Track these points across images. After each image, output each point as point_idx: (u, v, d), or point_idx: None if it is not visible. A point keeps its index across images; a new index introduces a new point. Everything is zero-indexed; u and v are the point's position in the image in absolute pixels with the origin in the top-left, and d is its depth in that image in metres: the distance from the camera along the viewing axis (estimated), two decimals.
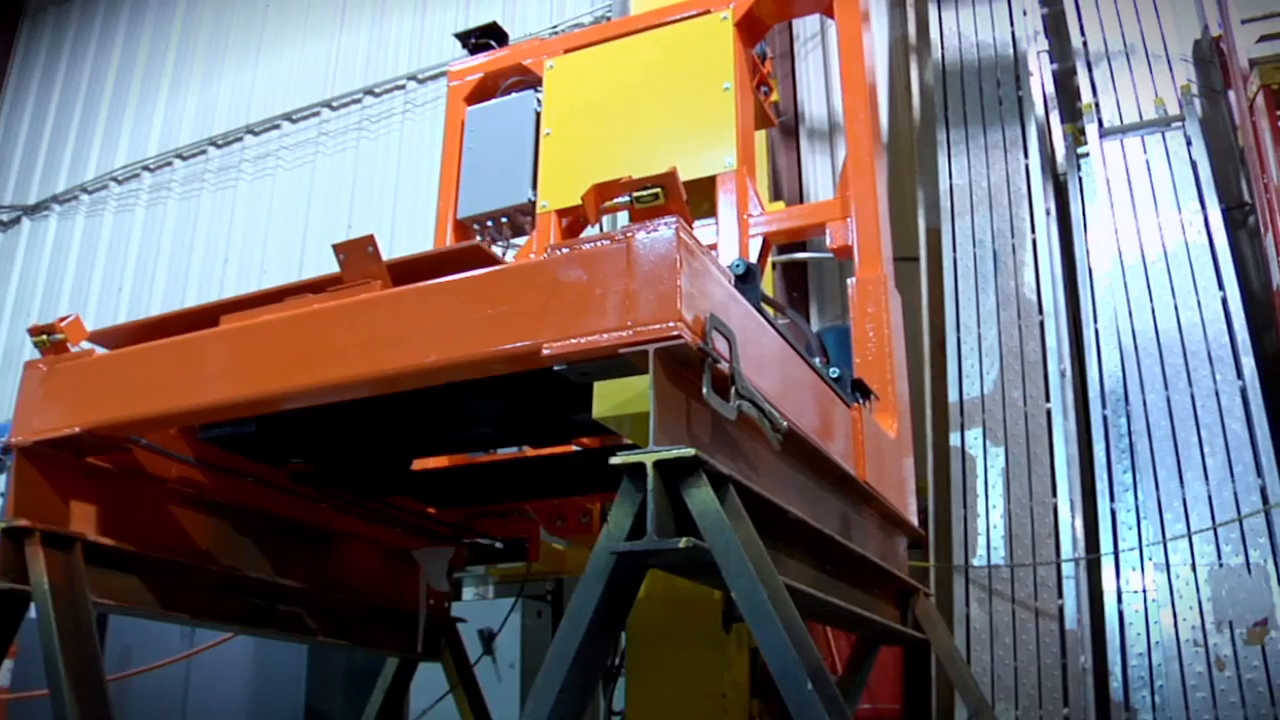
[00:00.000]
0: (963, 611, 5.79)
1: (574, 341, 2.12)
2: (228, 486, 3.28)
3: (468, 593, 7.51)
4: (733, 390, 2.15)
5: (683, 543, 1.96)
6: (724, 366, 2.15)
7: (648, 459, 2.00)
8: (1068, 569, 5.71)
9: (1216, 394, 5.89)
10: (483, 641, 6.00)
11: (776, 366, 2.55)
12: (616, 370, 2.13)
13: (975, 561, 5.87)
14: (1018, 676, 5.53)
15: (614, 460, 2.03)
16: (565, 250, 2.18)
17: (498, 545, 4.38)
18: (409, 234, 10.17)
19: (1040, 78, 7.45)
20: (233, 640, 6.30)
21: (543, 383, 2.29)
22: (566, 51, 4.76)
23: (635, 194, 2.18)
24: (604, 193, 2.22)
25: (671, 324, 2.03)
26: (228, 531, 3.34)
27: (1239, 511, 5.52)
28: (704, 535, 2.00)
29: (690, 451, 1.99)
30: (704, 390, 2.08)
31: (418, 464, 3.94)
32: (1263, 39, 7.10)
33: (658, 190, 2.17)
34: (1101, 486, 5.98)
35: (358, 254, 2.62)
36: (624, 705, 4.72)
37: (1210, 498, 5.61)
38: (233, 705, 6.91)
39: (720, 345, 2.14)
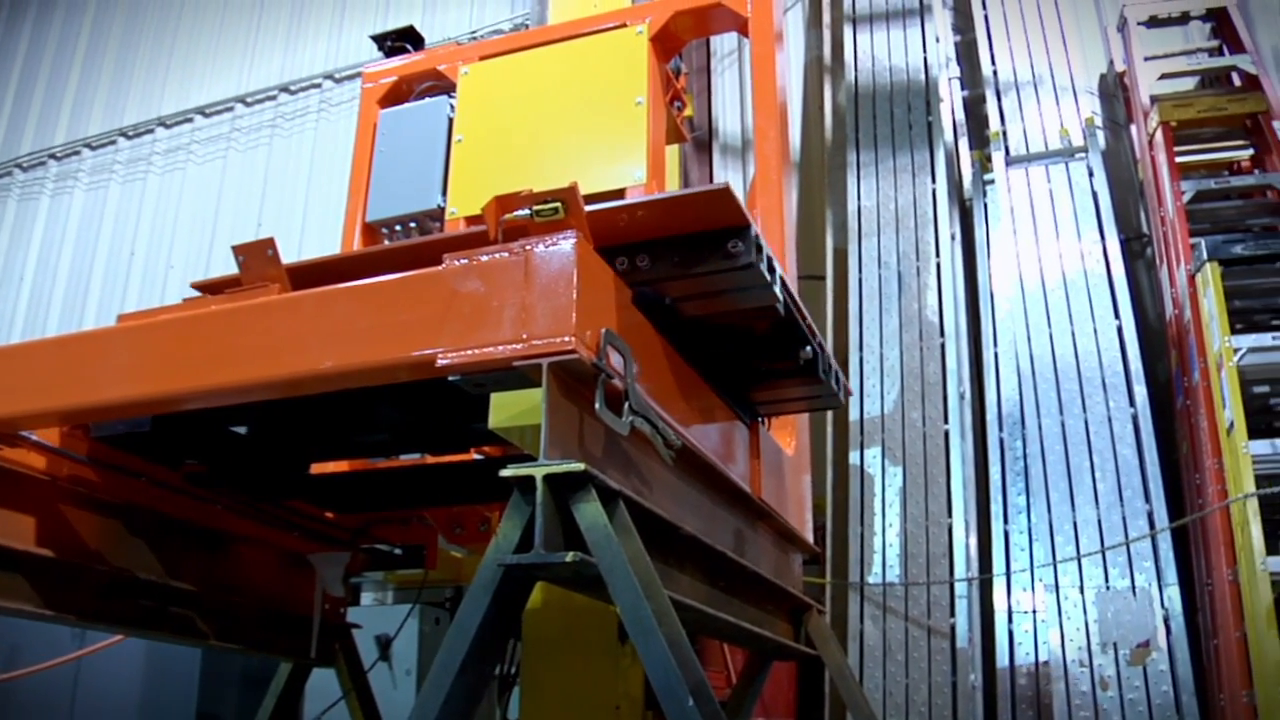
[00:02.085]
0: (857, 628, 5.87)
1: (469, 352, 2.12)
2: (120, 486, 3.21)
3: (366, 598, 7.46)
4: (626, 406, 2.17)
5: (569, 557, 1.97)
6: (618, 382, 2.17)
7: (537, 472, 2.01)
8: (960, 588, 5.81)
9: (1109, 420, 6.04)
10: (379, 647, 5.96)
11: (673, 382, 2.58)
12: (511, 383, 2.13)
13: (870, 579, 5.95)
14: (909, 693, 5.62)
15: (504, 473, 2.04)
16: (463, 260, 2.19)
17: (396, 551, 4.34)
18: (320, 234, 10.08)
19: (950, 104, 7.59)
20: (124, 641, 6.17)
21: (442, 391, 2.29)
22: (482, 58, 4.74)
23: (535, 207, 2.19)
24: (504, 205, 2.23)
25: (566, 338, 2.04)
26: (119, 532, 3.27)
27: (1127, 535, 5.67)
28: (591, 550, 2.01)
29: (580, 466, 2.00)
30: (597, 405, 2.10)
31: (316, 468, 3.90)
32: (1164, 76, 7.33)
33: (558, 204, 2.17)
34: (996, 508, 6.11)
35: (257, 256, 2.60)
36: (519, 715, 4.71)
37: (1100, 521, 5.76)
38: (123, 707, 6.77)
39: (615, 361, 2.16)
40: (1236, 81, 7.35)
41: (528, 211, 2.21)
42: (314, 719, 4.75)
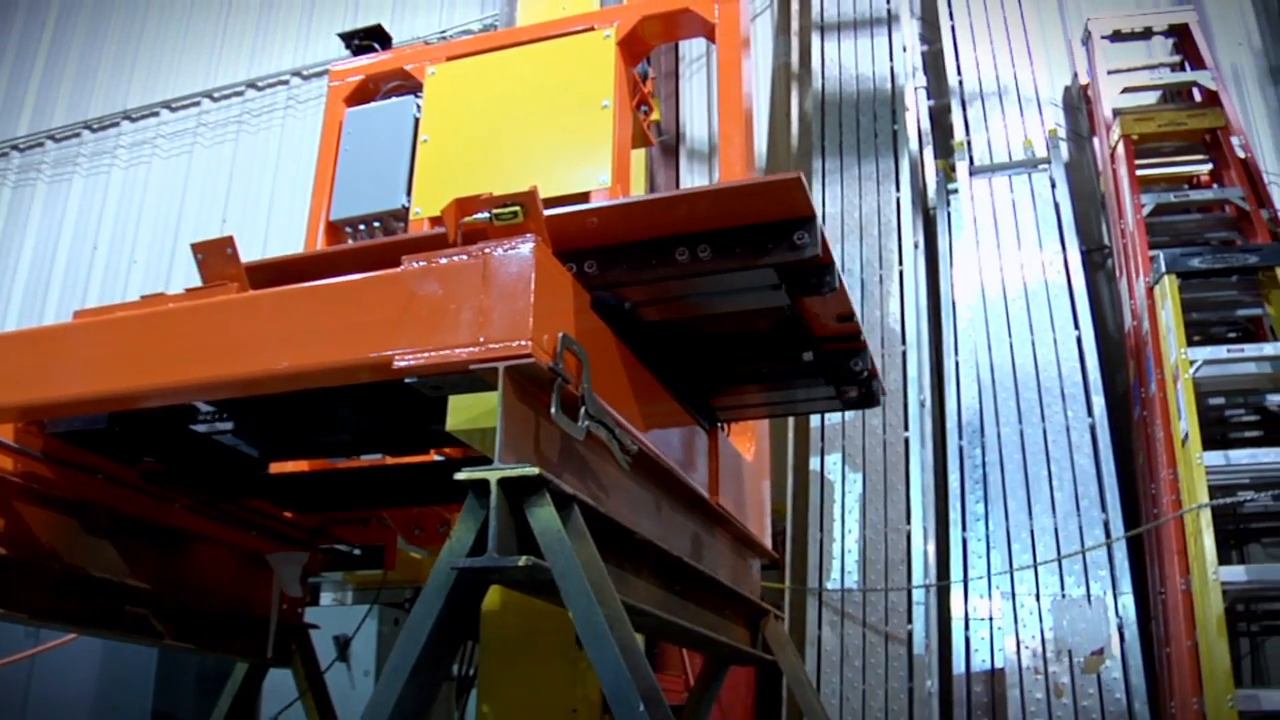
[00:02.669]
0: (814, 634, 5.90)
1: (426, 355, 2.13)
2: (75, 483, 3.18)
3: (326, 598, 7.43)
4: (582, 410, 2.18)
5: (522, 561, 1.98)
6: (575, 387, 2.17)
7: (491, 476, 2.02)
8: (918, 595, 5.85)
9: (1067, 430, 6.10)
10: (337, 648, 5.94)
11: (631, 387, 2.58)
12: (467, 386, 2.14)
13: (829, 585, 5.99)
14: (865, 699, 5.65)
15: (459, 476, 2.04)
16: (422, 263, 2.19)
17: (355, 552, 4.33)
18: (285, 232, 10.04)
19: (916, 113, 7.64)
20: (79, 639, 6.13)
21: (403, 392, 2.29)
22: (449, 59, 4.73)
23: (494, 211, 2.20)
24: (464, 208, 2.23)
25: (522, 342, 2.05)
26: (73, 529, 3.24)
27: (1083, 544, 5.72)
28: (544, 554, 2.01)
29: (534, 471, 2.01)
30: (552, 410, 2.11)
31: (275, 467, 3.88)
32: (1126, 90, 7.42)
33: (517, 208, 2.18)
34: (954, 515, 6.15)
35: (216, 255, 2.59)
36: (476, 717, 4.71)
37: (1057, 530, 5.82)
38: (77, 706, 6.71)
39: (571, 365, 2.17)
40: (1197, 97, 7.44)
41: (487, 215, 2.21)
42: (270, 719, 4.74)
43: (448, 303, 2.15)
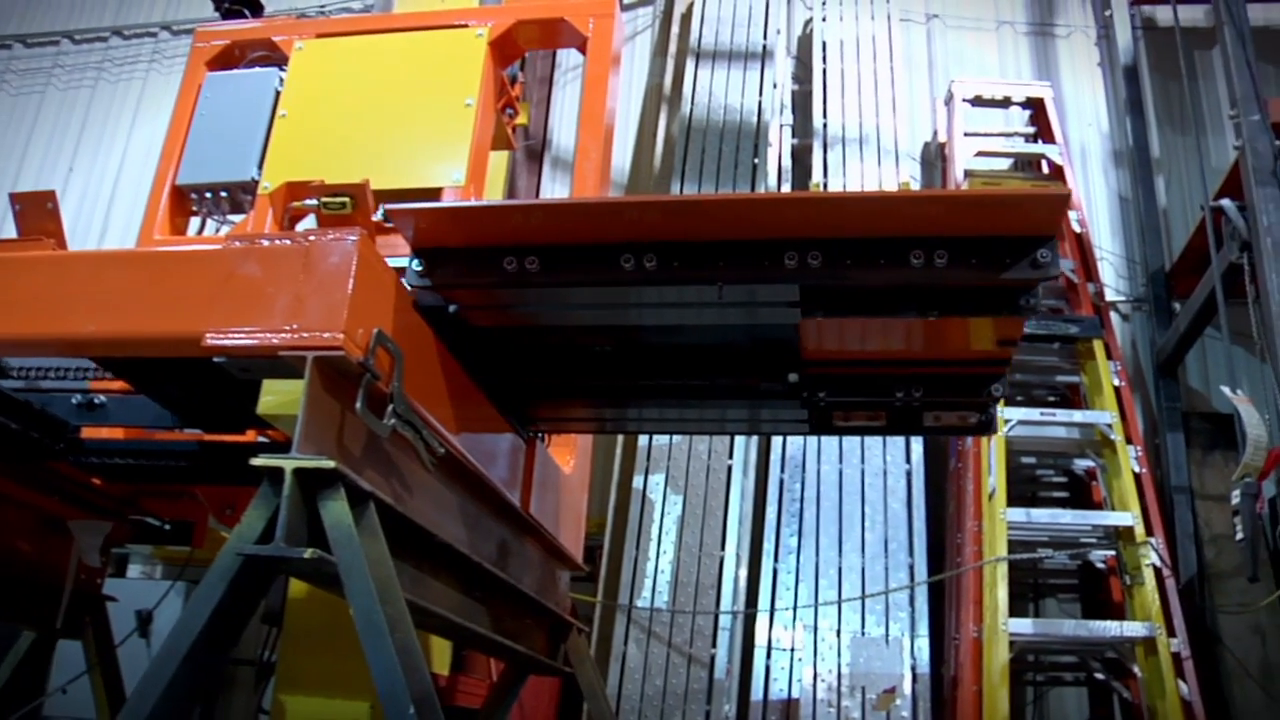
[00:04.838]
0: (620, 650, 5.94)
1: (237, 336, 2.10)
2: None
3: (134, 570, 7.22)
4: (390, 409, 2.17)
5: (308, 554, 1.97)
6: (385, 384, 2.17)
7: (287, 465, 2.00)
8: (725, 620, 5.94)
9: (885, 473, 6.28)
10: (138, 622, 5.78)
11: (448, 391, 2.59)
12: (277, 371, 2.12)
13: (639, 602, 6.04)
14: (663, 718, 5.71)
15: (254, 461, 2.02)
16: (243, 243, 2.17)
17: (164, 526, 4.23)
18: (135, 189, 9.72)
19: (779, 149, 7.78)
20: None
21: (221, 370, 2.25)
22: (318, 35, 4.67)
23: (324, 199, 2.19)
24: (294, 192, 2.22)
25: (334, 334, 2.04)
26: None
27: (887, 585, 5.89)
28: (332, 549, 2.01)
29: (330, 464, 2.00)
30: (358, 405, 2.10)
31: (88, 431, 3.76)
32: (980, 154, 7.70)
33: (346, 199, 2.18)
34: (768, 546, 6.27)
35: (35, 208, 2.52)
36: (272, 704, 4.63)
37: (864, 570, 5.98)
38: None
39: (384, 362, 2.16)
40: (1045, 169, 7.76)
41: (316, 202, 2.20)
42: (53, 690, 4.58)
43: (265, 286, 2.13)
